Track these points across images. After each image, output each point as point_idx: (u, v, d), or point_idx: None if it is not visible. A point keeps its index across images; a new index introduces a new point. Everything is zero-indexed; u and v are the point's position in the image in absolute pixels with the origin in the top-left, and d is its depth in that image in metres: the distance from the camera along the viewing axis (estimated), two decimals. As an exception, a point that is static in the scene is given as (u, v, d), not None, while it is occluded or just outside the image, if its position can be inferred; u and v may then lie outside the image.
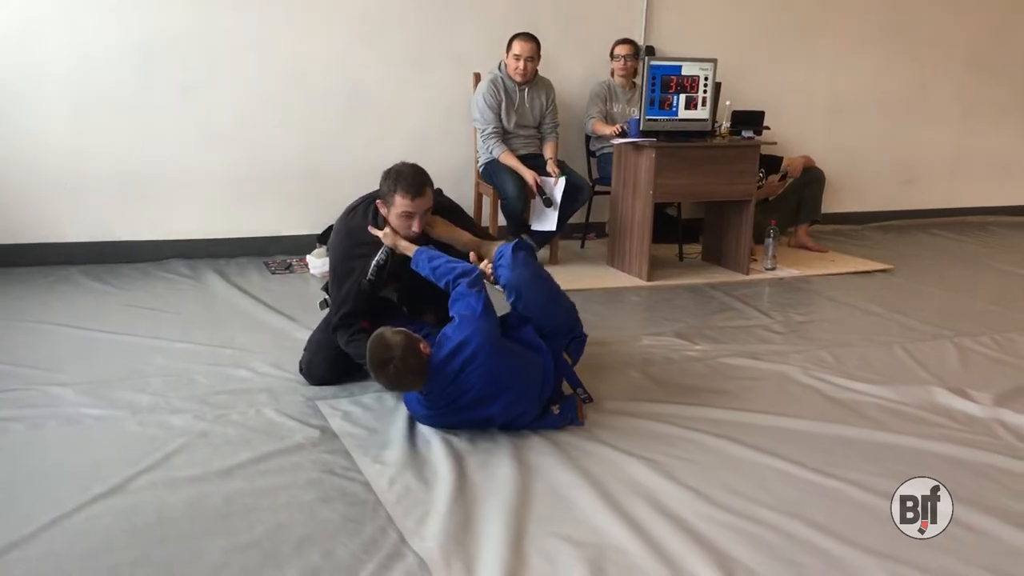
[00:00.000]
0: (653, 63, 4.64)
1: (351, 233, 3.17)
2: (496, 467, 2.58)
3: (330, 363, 3.20)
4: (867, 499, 2.44)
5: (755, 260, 5.10)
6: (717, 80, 4.80)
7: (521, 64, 4.88)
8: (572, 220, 5.15)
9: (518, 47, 4.90)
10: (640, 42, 5.64)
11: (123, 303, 4.14)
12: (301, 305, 4.07)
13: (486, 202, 5.21)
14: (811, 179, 5.66)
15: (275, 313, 4.02)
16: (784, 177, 5.71)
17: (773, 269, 5.06)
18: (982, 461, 2.67)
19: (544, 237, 4.94)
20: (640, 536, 2.22)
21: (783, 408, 3.07)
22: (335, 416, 2.93)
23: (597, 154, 5.47)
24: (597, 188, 5.32)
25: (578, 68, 5.54)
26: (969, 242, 6.14)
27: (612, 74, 5.47)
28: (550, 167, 4.94)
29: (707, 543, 2.19)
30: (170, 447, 2.64)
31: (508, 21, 5.18)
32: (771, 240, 5.08)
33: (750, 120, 4.99)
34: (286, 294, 4.34)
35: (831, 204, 5.92)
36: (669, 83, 4.66)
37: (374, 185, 5.04)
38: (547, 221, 4.86)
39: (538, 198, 4.84)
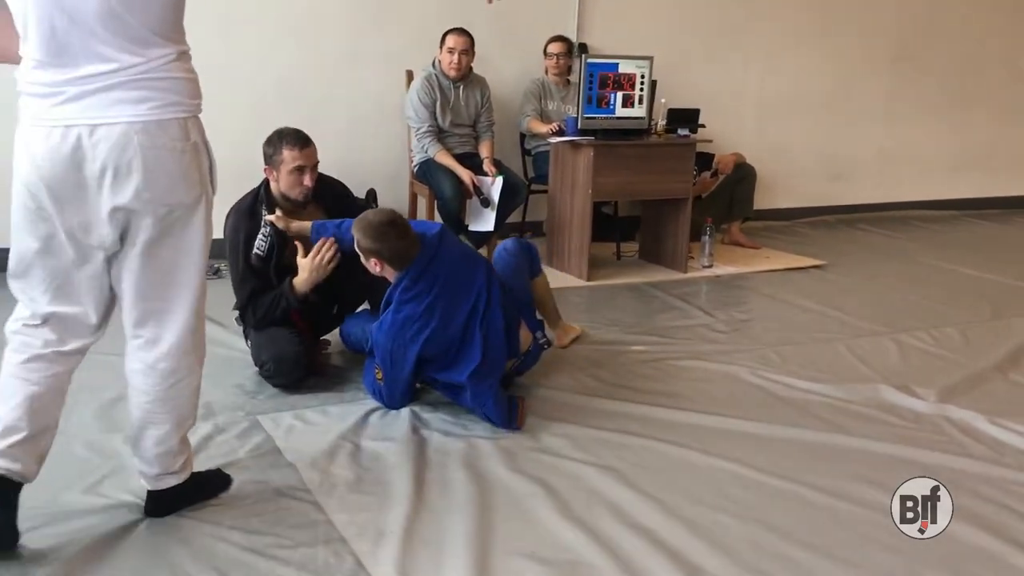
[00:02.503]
0: (590, 61, 4.59)
1: (237, 211, 3.12)
2: (452, 481, 2.49)
3: (298, 357, 3.06)
4: (827, 502, 2.43)
5: (692, 258, 5.10)
6: (653, 78, 4.78)
7: (456, 58, 4.78)
8: (508, 219, 5.07)
9: (452, 41, 4.79)
10: (573, 39, 5.59)
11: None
12: (232, 312, 3.89)
13: (421, 202, 5.10)
14: (743, 176, 5.70)
15: (206, 321, 3.83)
16: (716, 174, 5.73)
17: (710, 267, 5.07)
18: (935, 462, 2.67)
19: (481, 237, 4.85)
20: (607, 550, 2.15)
21: (735, 410, 3.05)
22: (278, 431, 2.79)
23: (532, 152, 5.40)
24: (533, 187, 5.25)
25: (511, 66, 5.47)
26: (896, 237, 6.26)
27: (546, 72, 5.41)
28: (487, 166, 4.86)
29: (676, 555, 2.14)
30: (103, 470, 2.47)
31: (440, 19, 5.07)
32: (708, 238, 5.09)
33: (686, 118, 4.98)
34: (215, 300, 4.10)
35: (762, 200, 5.97)
36: (606, 81, 4.62)
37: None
38: (485, 221, 4.77)
39: (475, 198, 4.75)
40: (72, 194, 1.91)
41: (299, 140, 3.06)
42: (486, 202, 4.73)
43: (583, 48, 5.63)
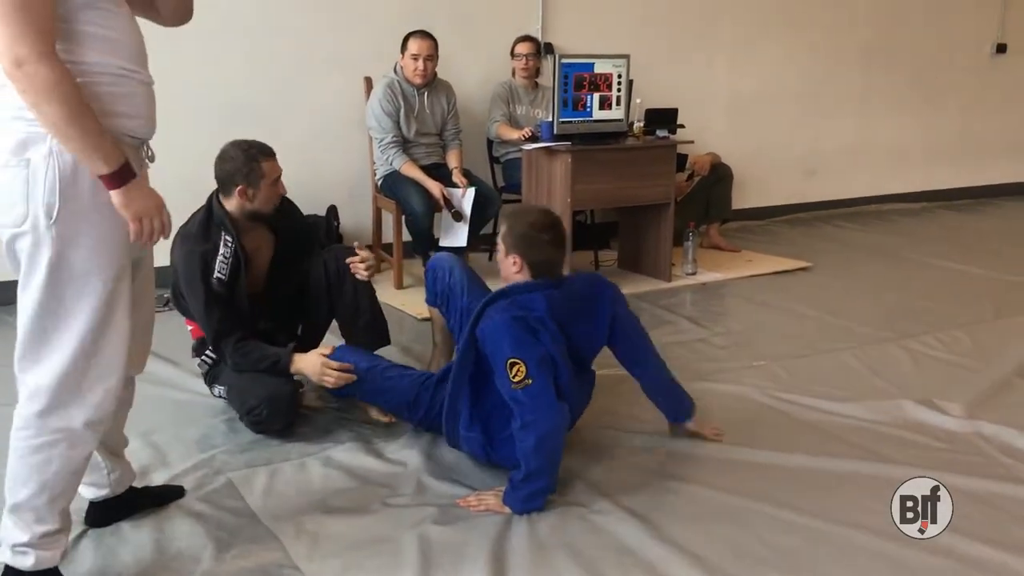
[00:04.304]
0: (565, 61, 4.30)
1: (185, 236, 2.78)
2: (463, 545, 2.18)
3: (292, 396, 2.79)
4: (882, 546, 2.17)
5: (673, 265, 4.85)
6: (630, 77, 4.52)
7: (420, 64, 4.46)
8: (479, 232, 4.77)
9: (415, 46, 4.47)
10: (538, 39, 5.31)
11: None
12: (186, 347, 3.54)
13: (387, 218, 4.77)
14: (719, 177, 5.47)
15: (159, 360, 3.48)
16: (691, 176, 5.50)
17: (694, 274, 4.83)
18: (986, 490, 2.44)
19: (454, 253, 4.54)
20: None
21: (755, 438, 2.78)
22: (253, 493, 2.46)
23: (502, 160, 5.11)
24: (504, 196, 4.95)
25: (475, 69, 5.17)
26: (875, 232, 6.09)
27: (513, 74, 5.11)
28: (456, 177, 4.55)
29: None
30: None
31: (398, 21, 4.75)
32: (690, 243, 4.85)
33: (664, 119, 4.73)
34: (166, 335, 3.76)
35: (736, 200, 5.74)
36: (582, 82, 4.34)
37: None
38: (457, 236, 4.46)
39: (446, 212, 4.44)
40: None
41: (270, 150, 2.83)
42: (458, 216, 4.43)
43: (548, 48, 5.35)
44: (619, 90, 4.44)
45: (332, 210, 4.79)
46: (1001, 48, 7.18)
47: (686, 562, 2.11)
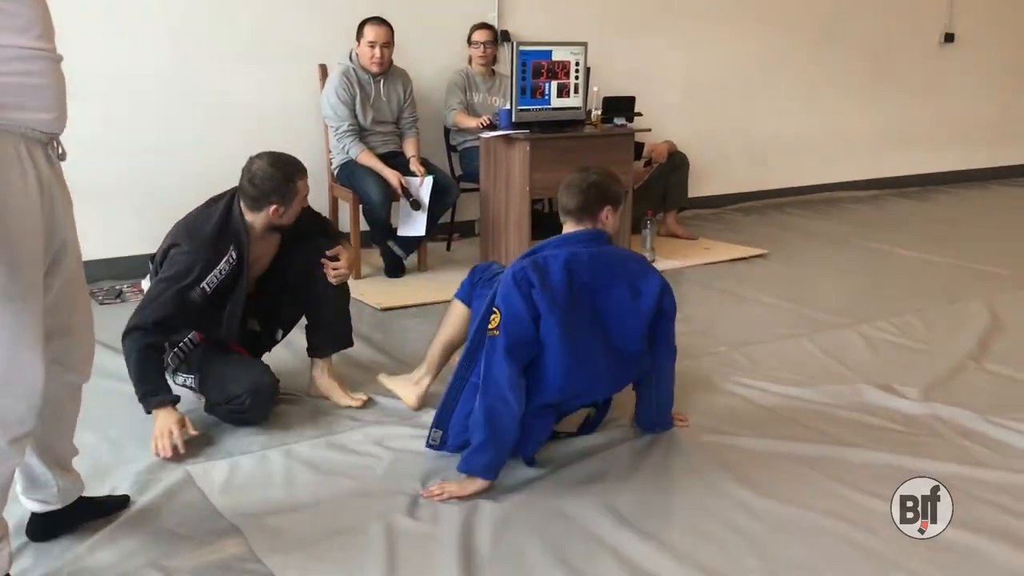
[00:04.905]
0: (523, 48, 4.28)
1: (195, 236, 2.69)
2: (430, 535, 2.17)
3: (274, 387, 2.79)
4: (844, 529, 2.21)
5: (632, 253, 4.86)
6: (587, 65, 4.51)
7: (377, 52, 4.40)
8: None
9: (371, 33, 4.41)
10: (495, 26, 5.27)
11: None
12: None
13: (344, 208, 4.71)
14: (676, 165, 5.49)
15: (112, 352, 3.39)
16: (649, 163, 5.52)
17: (653, 261, 4.83)
18: (945, 471, 2.47)
19: (412, 243, 4.51)
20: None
21: (718, 423, 2.80)
22: (213, 486, 2.41)
23: (460, 148, 5.06)
24: (462, 185, 4.92)
25: (431, 57, 5.11)
26: (827, 220, 6.16)
27: (470, 62, 5.07)
28: (414, 165, 4.51)
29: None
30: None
31: (352, 7, 4.68)
32: (648, 231, 4.87)
33: (621, 107, 4.73)
34: (116, 328, 3.69)
35: (691, 188, 5.77)
36: (540, 69, 4.33)
37: (207, 194, 4.40)
38: (415, 225, 4.42)
39: (404, 200, 4.40)
40: None
41: (303, 167, 2.77)
42: (416, 204, 4.38)
43: (505, 35, 5.32)
44: (577, 78, 4.43)
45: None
46: (949, 37, 7.31)
47: (652, 547, 2.11)
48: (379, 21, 4.45)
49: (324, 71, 4.71)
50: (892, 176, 7.33)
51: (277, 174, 2.66)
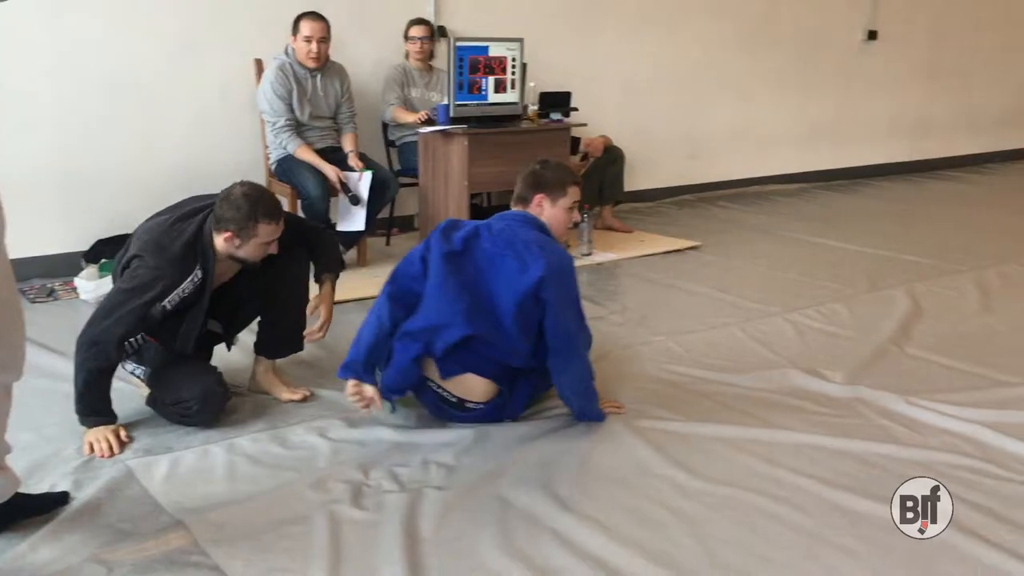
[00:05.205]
0: (460, 44, 4.33)
1: (162, 252, 2.61)
2: (372, 522, 2.20)
3: (224, 395, 2.78)
4: (772, 506, 2.30)
5: (569, 246, 4.94)
6: (523, 61, 4.57)
7: (314, 47, 4.40)
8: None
9: (308, 28, 4.40)
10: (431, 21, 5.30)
11: None
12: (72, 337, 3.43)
13: (282, 203, 4.66)
14: (612, 159, 5.59)
15: (46, 351, 3.36)
16: (585, 157, 5.60)
17: (590, 254, 4.93)
18: (864, 450, 2.60)
19: (352, 238, 4.52)
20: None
21: (653, 410, 2.88)
22: (154, 481, 2.41)
23: (398, 143, 5.09)
24: (401, 180, 4.94)
25: (367, 52, 5.12)
26: (758, 213, 6.33)
27: (407, 57, 5.09)
28: (352, 160, 4.52)
29: None
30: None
31: (288, 2, 4.66)
32: (586, 224, 4.95)
33: (557, 102, 4.81)
34: (55, 327, 3.65)
35: (627, 182, 5.87)
36: (477, 65, 4.38)
37: (147, 191, 4.43)
38: (355, 220, 4.44)
39: (343, 195, 4.41)
40: None
41: (277, 213, 2.67)
42: (355, 199, 4.40)
43: (442, 31, 5.35)
44: (513, 73, 4.49)
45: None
46: (872, 35, 7.54)
47: (591, 528, 2.18)
48: (315, 16, 4.45)
49: (260, 66, 4.69)
50: (820, 169, 7.55)
51: (244, 205, 2.59)
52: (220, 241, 2.65)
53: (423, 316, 2.62)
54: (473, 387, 2.70)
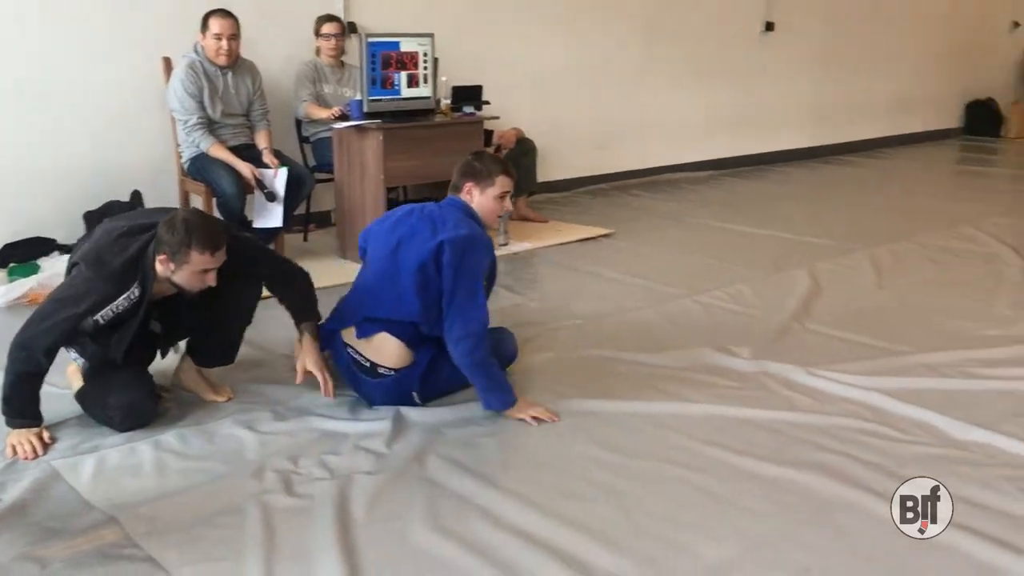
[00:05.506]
0: (371, 40, 4.37)
1: (102, 268, 2.57)
2: (304, 510, 2.26)
3: (153, 410, 2.77)
4: (689, 476, 2.44)
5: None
6: (435, 56, 4.64)
7: (224, 44, 4.37)
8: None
9: (217, 25, 4.38)
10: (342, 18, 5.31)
11: None
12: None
13: (196, 202, 4.65)
14: (525, 150, 5.70)
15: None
16: (498, 149, 5.70)
17: (507, 244, 5.03)
18: (771, 418, 2.78)
19: (269, 235, 4.51)
20: (492, 560, 2.03)
21: (575, 391, 2.99)
22: (81, 480, 2.41)
23: (312, 139, 5.10)
24: (316, 175, 4.95)
25: (278, 49, 5.10)
26: (667, 200, 6.52)
27: (318, 53, 5.10)
28: (267, 157, 4.51)
29: (561, 554, 2.05)
30: None
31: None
32: (503, 215, 5.03)
33: (469, 95, 4.89)
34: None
35: (540, 173, 6.00)
36: (389, 60, 4.42)
37: (57, 194, 4.35)
38: (271, 217, 4.43)
39: (258, 193, 4.41)
40: None
41: (212, 243, 2.56)
42: (271, 196, 4.40)
43: (352, 27, 5.37)
44: (426, 68, 4.56)
45: (136, 195, 4.63)
46: (769, 26, 7.83)
47: (518, 504, 2.28)
48: (224, 13, 4.42)
49: (168, 64, 4.64)
50: (725, 157, 7.81)
51: (180, 231, 2.54)
52: (159, 265, 2.60)
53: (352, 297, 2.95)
54: (386, 348, 2.81)
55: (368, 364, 2.83)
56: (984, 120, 10.04)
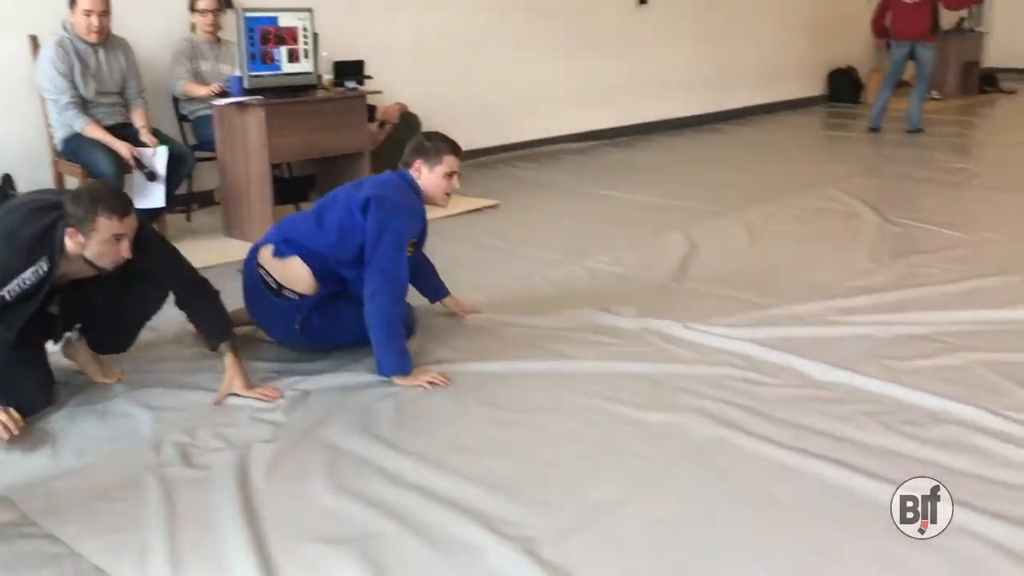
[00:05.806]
0: (249, 15, 4.33)
1: (11, 239, 2.52)
2: (202, 480, 2.30)
3: (43, 379, 2.72)
4: (580, 428, 2.60)
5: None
6: (315, 31, 4.62)
7: (95, 20, 4.25)
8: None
9: (86, 1, 4.24)
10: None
11: None
12: None
13: (72, 183, 4.52)
14: (409, 125, 5.72)
15: None
16: (382, 125, 5.72)
17: (394, 218, 5.07)
18: (654, 371, 2.96)
19: (152, 215, 4.43)
20: (393, 516, 2.13)
21: (467, 354, 3.11)
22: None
23: (191, 117, 5.01)
24: (197, 154, 4.88)
25: (150, 25, 4.97)
26: (551, 171, 6.67)
27: (193, 29, 5.01)
28: (145, 136, 4.42)
29: (460, 507, 2.16)
30: None
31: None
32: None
33: (351, 70, 4.90)
34: None
35: (425, 147, 6.05)
36: (267, 35, 4.39)
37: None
38: (153, 197, 4.36)
39: (137, 172, 4.33)
40: None
41: (119, 208, 2.53)
42: (152, 175, 4.32)
43: (228, 2, 5.28)
44: (306, 43, 4.54)
45: (7, 179, 4.47)
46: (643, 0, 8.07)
47: (416, 463, 2.38)
48: (93, -12, 4.30)
49: (35, 43, 4.48)
50: (604, 128, 8.00)
51: (85, 199, 2.51)
52: (68, 240, 2.55)
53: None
54: (295, 272, 2.94)
55: (276, 285, 2.95)
56: (845, 87, 10.57)
